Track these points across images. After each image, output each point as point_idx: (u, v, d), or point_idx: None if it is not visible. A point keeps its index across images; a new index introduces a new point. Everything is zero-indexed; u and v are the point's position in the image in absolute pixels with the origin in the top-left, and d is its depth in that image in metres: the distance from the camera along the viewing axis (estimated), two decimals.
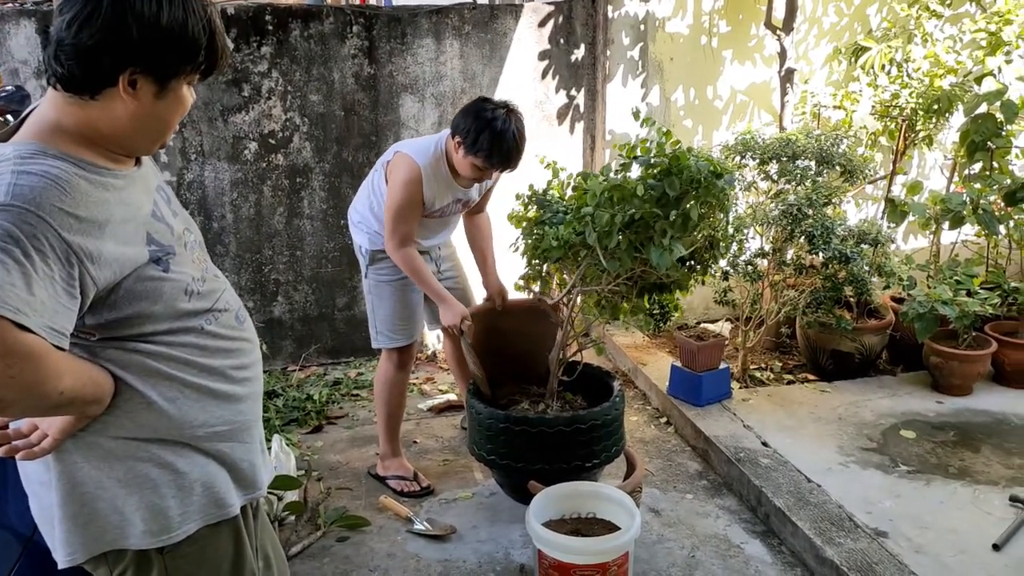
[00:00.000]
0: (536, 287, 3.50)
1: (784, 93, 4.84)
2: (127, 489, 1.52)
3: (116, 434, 1.50)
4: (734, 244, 3.70)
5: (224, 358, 1.61)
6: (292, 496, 3.31)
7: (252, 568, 1.71)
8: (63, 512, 1.50)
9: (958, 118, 4.64)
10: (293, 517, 3.30)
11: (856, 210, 5.36)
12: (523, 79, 4.94)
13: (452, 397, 4.49)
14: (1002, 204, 4.30)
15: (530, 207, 3.49)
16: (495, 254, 3.79)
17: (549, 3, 4.93)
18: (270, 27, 4.45)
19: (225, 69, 1.58)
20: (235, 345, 1.65)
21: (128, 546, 1.53)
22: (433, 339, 5.19)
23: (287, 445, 3.65)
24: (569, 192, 3.51)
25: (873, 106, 4.80)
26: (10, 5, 4.31)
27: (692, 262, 3.30)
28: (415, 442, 4.03)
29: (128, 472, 1.52)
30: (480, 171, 3.22)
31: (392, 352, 3.54)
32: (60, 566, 1.53)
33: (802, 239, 4.04)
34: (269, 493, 3.23)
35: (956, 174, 4.95)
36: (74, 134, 1.42)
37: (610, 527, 2.86)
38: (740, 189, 4.27)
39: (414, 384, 4.71)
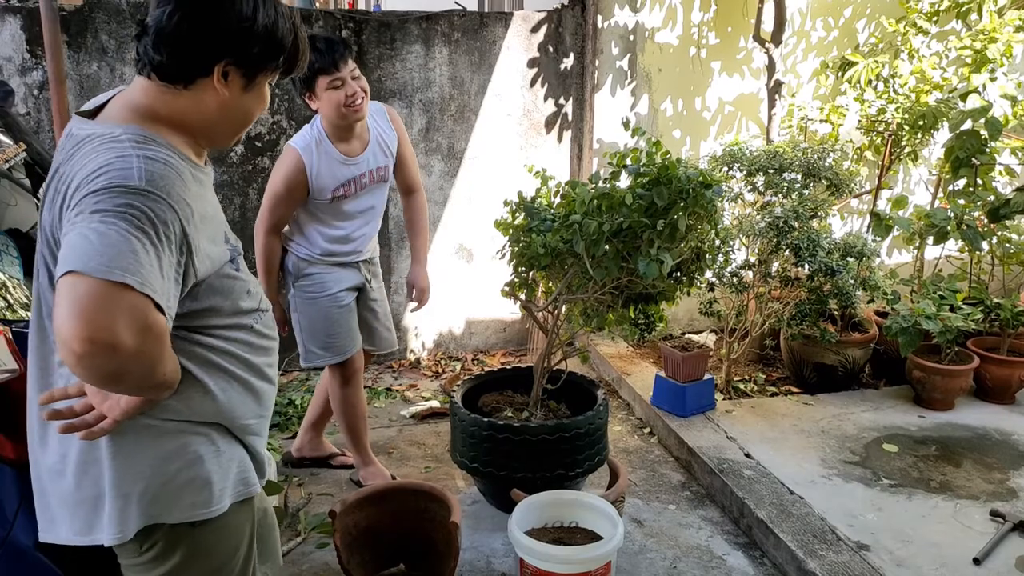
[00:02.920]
0: (522, 294, 3.49)
1: (772, 105, 4.86)
2: (176, 464, 1.55)
3: (170, 417, 1.53)
4: (720, 255, 3.70)
5: (263, 356, 1.68)
6: (273, 501, 3.26)
7: (255, 552, 1.74)
8: (116, 491, 1.51)
9: (943, 134, 4.68)
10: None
11: (841, 224, 5.39)
12: (512, 87, 4.94)
13: (435, 404, 4.47)
14: (985, 220, 4.33)
15: (517, 214, 3.48)
16: (427, 244, 3.67)
17: (539, 12, 4.93)
18: None
19: (302, 71, 1.71)
20: (271, 344, 1.73)
21: (171, 520, 1.55)
22: (418, 346, 5.17)
23: (268, 450, 3.61)
24: (557, 200, 3.50)
25: (859, 120, 4.83)
26: None
27: (678, 273, 3.30)
28: (393, 450, 4.01)
29: (179, 448, 1.55)
30: (338, 89, 3.00)
31: (334, 368, 3.42)
32: (107, 544, 1.53)
33: (788, 251, 4.05)
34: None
35: (940, 190, 4.98)
36: (167, 122, 1.50)
37: (592, 536, 2.84)
38: (727, 201, 4.28)
39: (397, 391, 4.69)
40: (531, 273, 3.43)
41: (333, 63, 2.98)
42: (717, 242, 3.40)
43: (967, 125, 4.27)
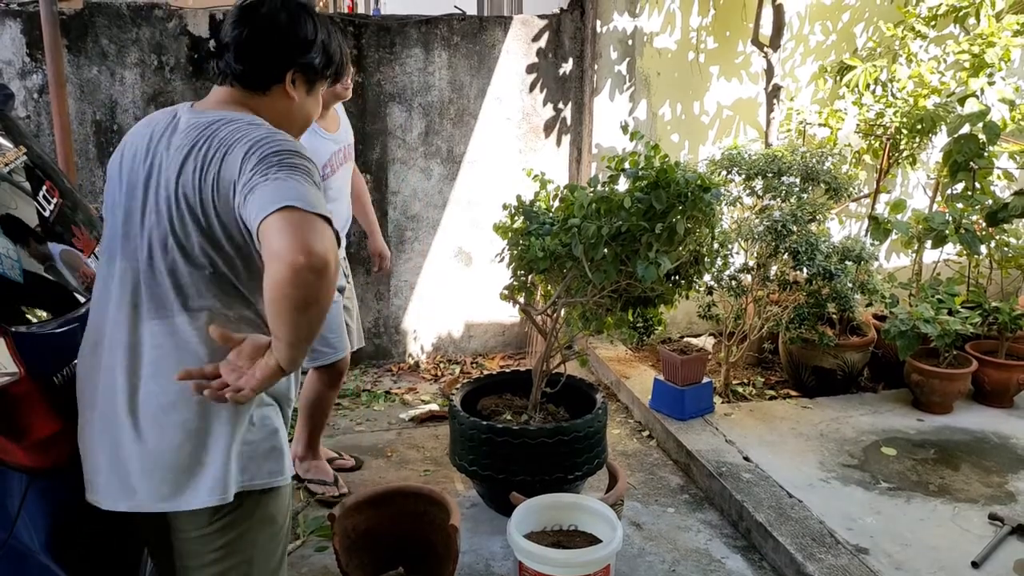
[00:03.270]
0: (521, 297, 3.49)
1: (770, 110, 4.87)
2: (262, 434, 1.74)
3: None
4: (719, 259, 3.71)
5: None
6: None
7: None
8: (221, 457, 1.65)
9: (941, 138, 4.69)
10: None
11: (840, 227, 5.40)
12: (511, 91, 4.95)
13: (434, 407, 4.47)
14: (984, 224, 4.33)
15: (516, 218, 3.49)
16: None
17: (538, 16, 4.94)
18: None
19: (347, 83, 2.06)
20: None
21: (257, 485, 1.72)
22: (417, 349, 5.18)
23: None
24: (556, 204, 3.51)
25: (858, 124, 4.83)
26: None
27: (677, 276, 3.31)
28: (392, 453, 4.01)
29: (263, 420, 1.75)
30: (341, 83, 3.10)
31: (322, 370, 3.38)
32: (209, 504, 1.65)
33: (786, 255, 4.06)
34: None
35: (939, 193, 4.99)
36: None
37: (592, 539, 2.84)
38: (725, 204, 4.28)
39: (396, 394, 4.69)
40: (530, 276, 3.44)
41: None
42: (715, 245, 3.40)
43: (965, 129, 4.28)
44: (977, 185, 4.41)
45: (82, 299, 2.04)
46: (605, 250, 3.01)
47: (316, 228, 1.48)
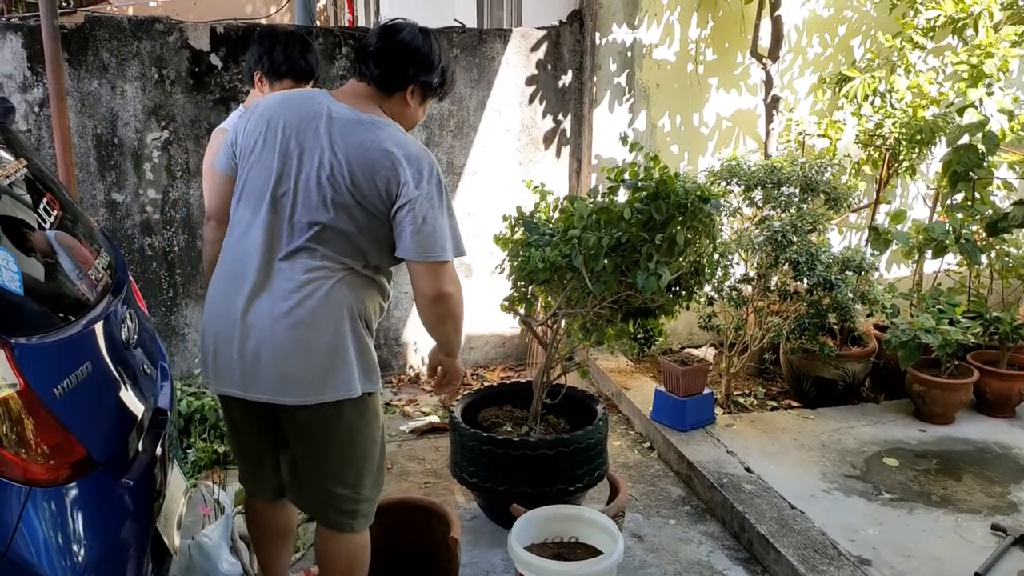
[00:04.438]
0: (521, 309, 3.49)
1: (769, 121, 4.88)
2: (371, 353, 2.33)
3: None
4: (719, 270, 3.71)
5: None
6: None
7: None
8: (357, 365, 2.25)
9: (941, 148, 4.69)
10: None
11: (840, 238, 5.40)
12: (511, 103, 4.96)
13: (435, 419, 4.46)
14: (984, 234, 4.34)
15: (516, 229, 3.49)
16: None
17: (538, 29, 4.96)
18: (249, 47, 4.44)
19: (445, 99, 2.67)
20: None
21: (372, 388, 2.32)
22: (417, 361, 5.17)
23: None
24: (556, 215, 3.51)
25: (857, 135, 4.85)
26: None
27: (677, 287, 3.31)
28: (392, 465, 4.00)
29: (369, 342, 2.33)
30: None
31: None
32: (343, 397, 2.24)
33: (786, 265, 4.06)
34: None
35: (939, 204, 5.00)
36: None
37: (593, 551, 2.83)
38: (725, 215, 4.29)
39: (396, 406, 4.68)
40: (530, 288, 3.44)
41: (307, 78, 3.09)
42: (716, 256, 3.41)
43: (964, 139, 4.29)
44: (977, 195, 4.42)
45: (83, 310, 2.04)
46: (605, 261, 3.01)
47: (446, 273, 2.28)
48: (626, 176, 3.23)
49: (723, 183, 4.35)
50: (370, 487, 2.42)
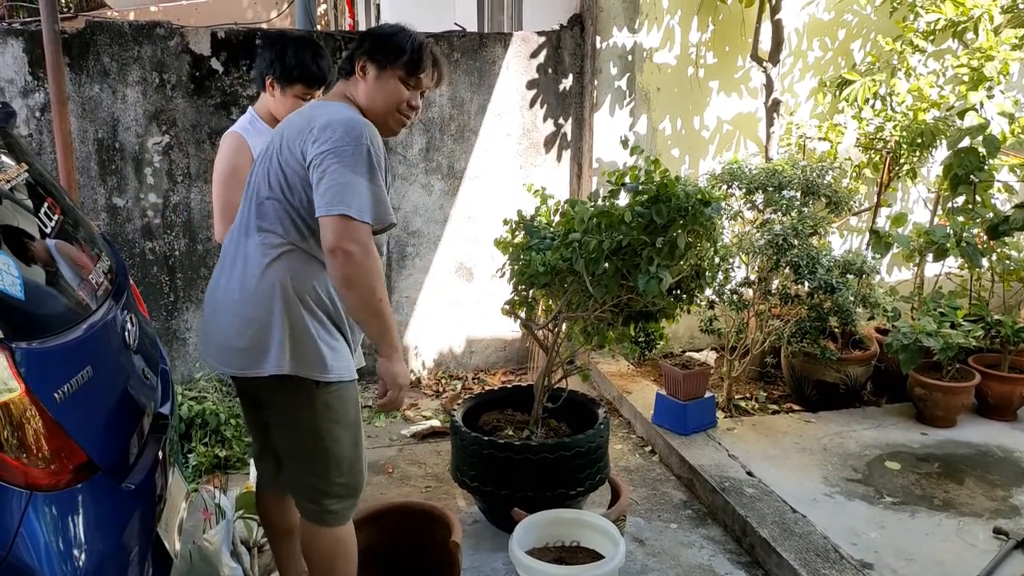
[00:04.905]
0: (522, 312, 3.49)
1: (770, 124, 4.88)
2: (308, 342, 2.27)
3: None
4: (720, 273, 3.71)
5: None
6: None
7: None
8: (276, 346, 2.24)
9: (941, 152, 4.69)
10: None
11: (841, 241, 5.40)
12: (511, 107, 4.96)
13: (436, 423, 4.46)
14: (985, 237, 4.33)
15: (517, 233, 3.49)
16: None
17: (538, 33, 4.97)
18: (260, 51, 4.46)
19: (434, 82, 2.56)
20: None
21: (303, 374, 2.27)
22: (418, 365, 5.17)
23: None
24: (556, 218, 3.51)
25: (858, 138, 4.85)
26: None
27: (678, 290, 3.30)
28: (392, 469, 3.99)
29: (313, 333, 2.27)
30: (303, 101, 3.04)
31: None
32: (279, 373, 2.25)
33: (787, 269, 4.05)
34: (248, 519, 3.18)
35: (940, 207, 4.99)
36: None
37: (594, 556, 2.83)
38: (726, 218, 4.29)
39: (396, 410, 4.67)
40: (531, 291, 3.44)
41: (318, 84, 3.07)
42: (717, 259, 3.40)
43: (965, 142, 4.29)
44: (978, 198, 4.41)
45: (83, 314, 2.04)
46: (606, 264, 3.01)
47: (347, 229, 2.12)
48: (627, 180, 3.23)
49: (724, 186, 4.35)
50: (336, 485, 2.41)
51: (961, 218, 4.33)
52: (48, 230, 2.13)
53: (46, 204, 2.21)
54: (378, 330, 2.25)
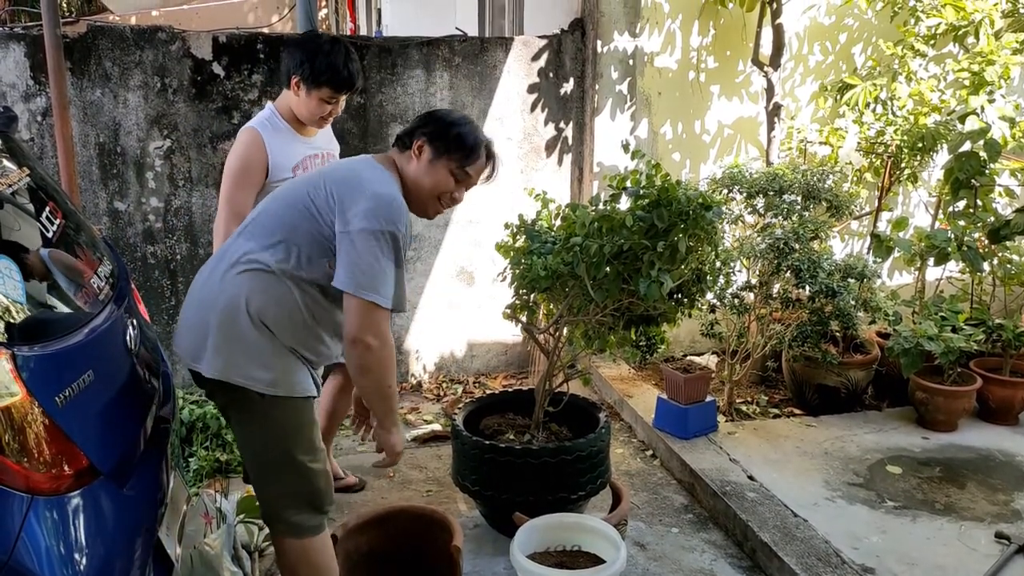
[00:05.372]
0: (523, 316, 3.49)
1: (771, 128, 4.88)
2: (253, 353, 2.31)
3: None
4: (721, 277, 3.71)
5: None
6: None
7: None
8: (213, 347, 2.31)
9: (942, 156, 4.69)
10: (273, 548, 3.24)
11: (842, 245, 5.40)
12: (512, 111, 4.97)
13: (437, 427, 4.45)
14: (986, 241, 4.34)
15: (518, 237, 3.49)
16: None
17: (539, 37, 4.97)
18: (261, 55, 4.47)
19: (486, 179, 2.64)
20: None
21: (237, 382, 2.30)
22: (419, 369, 5.17)
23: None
24: (557, 222, 3.51)
25: (859, 143, 4.85)
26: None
27: (679, 294, 3.30)
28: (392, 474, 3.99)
29: (262, 349, 2.31)
30: (327, 104, 3.08)
31: (335, 371, 3.46)
32: (212, 375, 2.32)
33: (788, 273, 4.06)
34: (249, 523, 3.18)
35: (941, 211, 5.00)
36: None
37: (595, 560, 2.83)
38: (727, 222, 4.29)
39: (398, 414, 4.67)
40: (532, 295, 3.44)
41: (346, 89, 3.08)
42: (718, 264, 3.40)
43: (966, 147, 4.29)
44: (979, 202, 4.42)
45: (85, 319, 2.04)
46: (607, 268, 3.01)
47: (372, 318, 2.23)
48: (628, 184, 3.23)
49: (725, 191, 4.35)
50: (275, 497, 2.43)
51: (962, 222, 4.33)
52: (50, 234, 2.14)
53: (48, 208, 2.21)
54: (383, 410, 2.39)
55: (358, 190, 2.28)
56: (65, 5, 11.84)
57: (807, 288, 4.04)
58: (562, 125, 5.09)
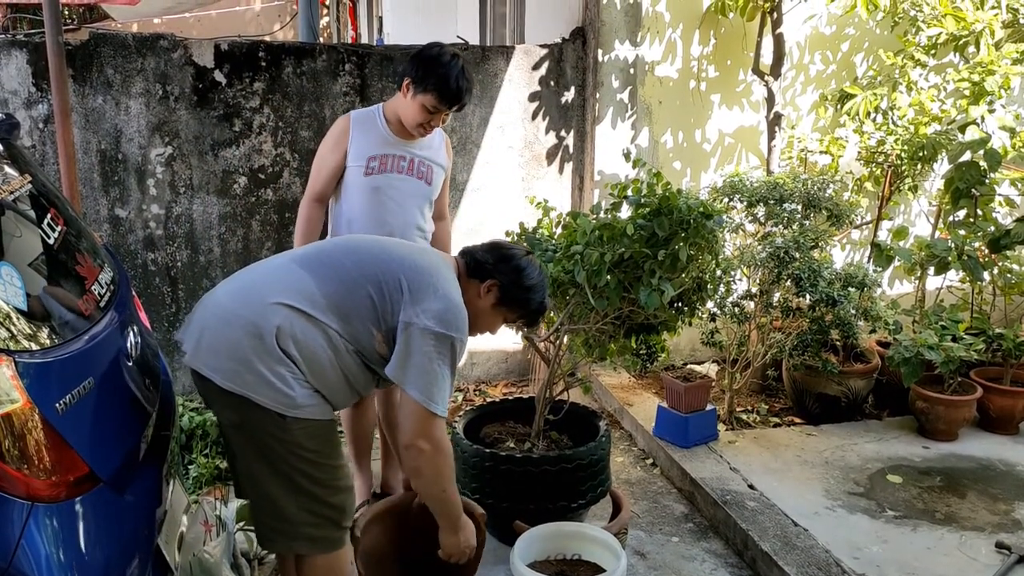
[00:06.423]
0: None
1: (771, 137, 4.89)
2: (271, 376, 2.23)
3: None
4: (721, 286, 3.71)
5: None
6: None
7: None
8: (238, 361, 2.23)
9: (943, 165, 4.70)
10: (274, 556, 3.24)
11: (842, 254, 5.40)
12: (513, 119, 4.98)
13: None
14: (986, 251, 4.34)
15: (519, 245, 3.49)
16: None
17: (540, 46, 4.98)
18: (263, 63, 4.48)
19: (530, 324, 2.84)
20: None
21: (250, 397, 2.22)
22: None
23: None
24: (558, 231, 3.52)
25: (859, 152, 4.85)
26: (1, 36, 4.32)
27: (680, 303, 3.31)
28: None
29: (280, 375, 2.23)
30: (429, 113, 3.11)
31: None
32: (226, 387, 2.25)
33: (789, 282, 4.06)
34: (249, 531, 3.18)
35: (941, 220, 5.00)
36: None
37: (596, 569, 2.82)
38: (728, 231, 4.29)
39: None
40: None
41: (450, 103, 3.12)
42: (718, 272, 3.41)
43: (966, 156, 4.30)
44: (979, 212, 4.42)
45: (85, 326, 2.04)
46: (608, 277, 3.02)
47: (428, 425, 2.26)
48: (629, 192, 3.24)
49: (725, 199, 4.35)
50: (270, 518, 2.38)
51: (962, 232, 4.33)
52: (51, 241, 2.14)
53: (49, 215, 2.21)
54: (440, 512, 2.47)
55: (432, 287, 2.29)
56: (67, 12, 11.87)
57: (807, 297, 4.04)
58: (563, 133, 5.10)
